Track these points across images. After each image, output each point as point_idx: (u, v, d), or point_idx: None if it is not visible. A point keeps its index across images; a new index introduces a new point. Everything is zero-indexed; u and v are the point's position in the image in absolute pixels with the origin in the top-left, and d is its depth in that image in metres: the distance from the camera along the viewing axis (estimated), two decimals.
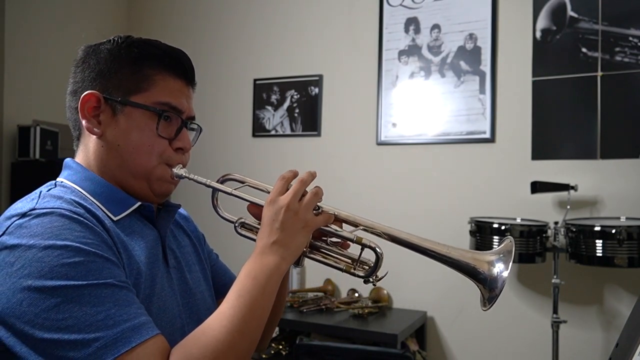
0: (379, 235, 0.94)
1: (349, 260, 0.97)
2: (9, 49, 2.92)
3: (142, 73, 0.91)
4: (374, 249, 0.93)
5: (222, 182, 1.00)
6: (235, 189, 0.98)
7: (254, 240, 0.97)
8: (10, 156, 2.93)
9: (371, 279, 0.95)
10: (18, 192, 2.88)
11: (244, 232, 1.00)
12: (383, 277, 0.96)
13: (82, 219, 0.78)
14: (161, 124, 0.91)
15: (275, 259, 0.88)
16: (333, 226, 0.94)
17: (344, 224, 0.97)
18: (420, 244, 0.92)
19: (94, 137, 0.91)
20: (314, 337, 2.64)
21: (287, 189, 0.92)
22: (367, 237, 0.94)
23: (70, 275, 0.73)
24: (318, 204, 0.93)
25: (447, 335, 2.80)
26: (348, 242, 0.96)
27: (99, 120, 0.90)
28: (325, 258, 0.97)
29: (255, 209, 0.98)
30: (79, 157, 0.95)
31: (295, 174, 0.95)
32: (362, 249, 0.95)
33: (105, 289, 0.74)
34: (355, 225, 0.95)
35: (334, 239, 0.97)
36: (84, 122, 0.90)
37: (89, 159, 0.93)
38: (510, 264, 0.88)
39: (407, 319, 2.63)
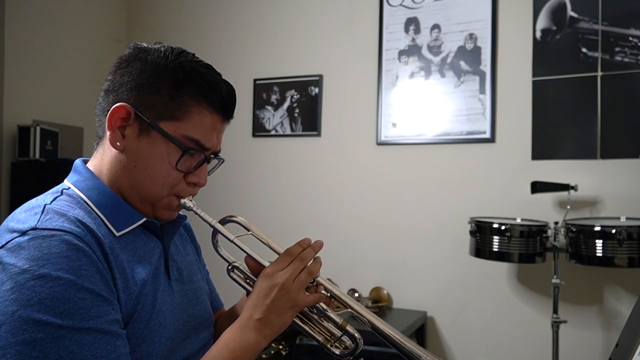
0: (364, 322, 0.92)
1: (328, 334, 0.95)
2: (9, 49, 2.92)
3: (179, 101, 0.87)
4: (354, 337, 0.92)
5: (225, 222, 0.98)
6: (237, 236, 0.95)
7: (242, 287, 0.98)
8: (10, 156, 2.93)
9: None
10: (18, 192, 2.88)
11: (234, 277, 0.99)
12: None
13: (81, 244, 0.77)
14: (183, 159, 0.88)
15: (256, 337, 0.88)
16: (322, 304, 0.93)
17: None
18: (401, 343, 0.89)
19: (115, 149, 0.89)
20: None
21: (287, 266, 0.90)
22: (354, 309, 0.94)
23: (57, 312, 0.71)
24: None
25: (447, 335, 2.80)
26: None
27: (124, 134, 0.88)
28: (304, 324, 0.95)
29: (253, 263, 0.97)
30: (94, 161, 0.92)
31: (302, 249, 0.92)
32: (343, 333, 0.94)
33: (88, 335, 0.73)
34: (345, 306, 0.94)
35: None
36: (108, 133, 0.88)
37: (102, 167, 0.90)
38: None
39: (407, 319, 2.63)
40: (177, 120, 0.87)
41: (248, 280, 0.98)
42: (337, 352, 0.94)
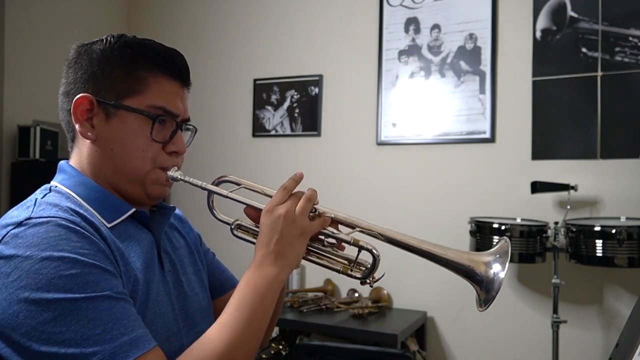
0: (375, 236, 0.93)
1: (345, 262, 0.97)
2: (9, 49, 2.92)
3: (135, 75, 0.89)
4: (370, 251, 0.93)
5: (217, 184, 0.99)
6: (231, 191, 0.97)
7: (250, 242, 0.98)
8: (10, 156, 2.93)
9: (368, 280, 0.95)
10: (18, 192, 2.88)
11: (240, 234, 0.99)
12: (380, 278, 0.96)
13: (78, 228, 0.77)
14: (155, 128, 0.89)
15: (274, 270, 0.88)
16: (330, 228, 0.94)
17: (340, 226, 0.97)
18: (416, 245, 0.92)
19: (88, 141, 0.90)
20: (314, 337, 2.65)
21: (286, 200, 0.91)
22: (364, 239, 0.94)
23: (67, 288, 0.72)
24: (315, 206, 0.93)
25: (447, 335, 2.80)
26: (344, 243, 0.96)
27: (92, 124, 0.89)
28: (321, 259, 0.96)
29: (252, 212, 0.98)
30: (73, 160, 0.93)
31: (296, 183, 0.94)
32: (359, 251, 0.95)
33: (103, 302, 0.73)
34: (352, 226, 0.95)
35: (330, 240, 0.96)
36: (77, 126, 0.89)
37: (83, 162, 0.91)
38: (507, 265, 0.88)
39: (407, 319, 2.63)
40: (139, 93, 0.89)
41: (254, 235, 0.98)
42: (358, 275, 0.96)
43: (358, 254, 0.95)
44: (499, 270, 0.89)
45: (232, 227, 0.99)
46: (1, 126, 2.90)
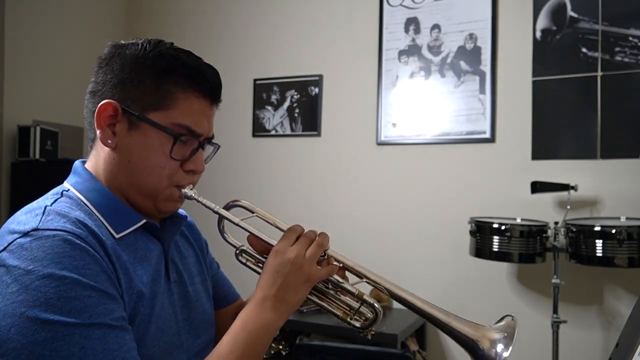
0: (381, 290, 0.92)
1: (347, 308, 0.95)
2: (9, 49, 2.92)
3: (165, 89, 0.87)
4: (372, 306, 0.92)
5: (229, 208, 0.98)
6: (242, 219, 0.95)
7: (252, 270, 0.98)
8: (10, 156, 2.93)
9: (366, 332, 0.94)
10: (18, 192, 2.88)
11: (243, 261, 0.99)
12: (380, 331, 0.95)
13: (83, 244, 0.76)
14: (176, 147, 0.87)
15: (272, 316, 0.87)
16: (336, 276, 0.93)
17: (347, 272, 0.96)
18: (422, 307, 0.91)
19: (107, 148, 0.88)
20: (314, 337, 2.64)
21: (295, 241, 0.90)
22: (368, 291, 0.93)
23: (64, 310, 0.71)
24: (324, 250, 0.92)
25: (447, 336, 2.79)
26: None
27: (114, 131, 0.87)
28: (322, 300, 0.95)
29: (256, 242, 0.97)
30: (90, 163, 0.92)
31: (303, 230, 0.93)
32: (361, 304, 0.94)
33: (97, 330, 0.73)
34: (359, 276, 0.93)
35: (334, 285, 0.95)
36: (98, 132, 0.87)
37: (99, 167, 0.90)
38: (511, 348, 0.85)
39: (407, 319, 2.63)
40: (165, 109, 0.87)
41: (258, 263, 0.98)
42: (357, 324, 0.94)
43: (360, 306, 0.94)
44: (502, 350, 0.86)
45: (237, 252, 0.99)
46: (1, 126, 2.90)
